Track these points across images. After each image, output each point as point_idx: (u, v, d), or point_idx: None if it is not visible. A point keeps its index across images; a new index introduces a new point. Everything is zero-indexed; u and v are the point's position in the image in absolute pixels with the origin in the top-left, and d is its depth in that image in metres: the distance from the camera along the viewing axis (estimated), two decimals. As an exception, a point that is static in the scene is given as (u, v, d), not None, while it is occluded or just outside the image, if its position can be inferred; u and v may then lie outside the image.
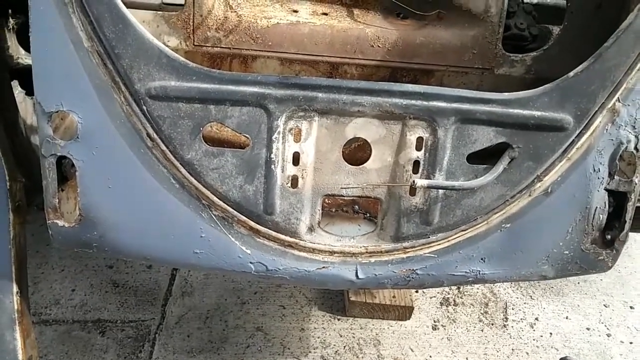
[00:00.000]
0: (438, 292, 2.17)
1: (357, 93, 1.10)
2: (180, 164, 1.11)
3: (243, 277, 2.02)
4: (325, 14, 1.54)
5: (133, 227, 1.15)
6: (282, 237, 1.18)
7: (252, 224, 1.16)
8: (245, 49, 1.49)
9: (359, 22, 1.53)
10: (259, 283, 2.08)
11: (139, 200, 1.13)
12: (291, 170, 1.14)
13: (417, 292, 2.16)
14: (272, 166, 1.12)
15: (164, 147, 1.10)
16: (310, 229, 1.20)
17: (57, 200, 1.13)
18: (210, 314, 1.94)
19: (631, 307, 2.20)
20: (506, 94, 1.11)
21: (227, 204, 1.14)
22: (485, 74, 1.55)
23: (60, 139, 1.10)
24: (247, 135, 1.10)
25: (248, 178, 1.12)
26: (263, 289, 2.06)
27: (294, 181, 1.15)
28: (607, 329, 2.10)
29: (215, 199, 1.14)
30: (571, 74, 1.10)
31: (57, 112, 1.07)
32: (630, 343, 2.04)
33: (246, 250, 1.17)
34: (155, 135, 1.09)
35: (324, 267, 1.21)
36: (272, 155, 1.11)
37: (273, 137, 1.10)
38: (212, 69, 1.07)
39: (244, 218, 1.16)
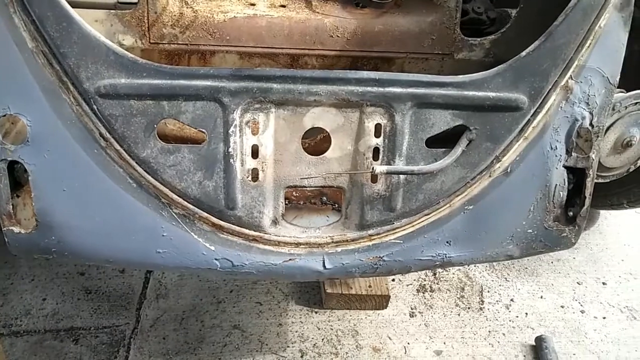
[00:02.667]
0: (414, 280, 2.18)
1: (313, 82, 1.09)
2: (136, 162, 1.09)
3: (209, 275, 2.00)
4: (284, 6, 1.53)
5: (92, 230, 1.12)
6: (246, 231, 1.17)
7: (215, 220, 1.15)
8: (203, 45, 1.48)
9: (318, 12, 1.53)
10: (235, 281, 2.06)
11: (95, 202, 1.11)
12: (251, 163, 1.13)
13: (393, 280, 2.17)
14: (231, 160, 1.10)
15: (118, 147, 1.08)
16: (275, 222, 1.20)
17: (10, 206, 1.10)
18: (186, 315, 1.92)
19: (603, 283, 2.24)
20: (460, 76, 1.11)
21: (187, 201, 1.13)
22: (446, 59, 1.56)
23: (11, 143, 1.07)
24: (203, 130, 1.09)
25: (207, 174, 1.11)
26: (239, 287, 2.05)
27: (255, 174, 1.14)
28: (581, 305, 2.13)
29: (174, 196, 1.12)
30: (523, 53, 1.11)
31: (4, 115, 1.04)
32: (604, 318, 2.08)
33: (210, 247, 1.16)
34: (108, 135, 1.07)
35: (290, 259, 1.20)
36: (230, 149, 1.10)
37: (230, 131, 1.09)
38: (162, 65, 1.05)
39: (205, 214, 1.14)
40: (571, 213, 1.24)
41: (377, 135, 1.15)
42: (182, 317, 1.91)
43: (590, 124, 1.17)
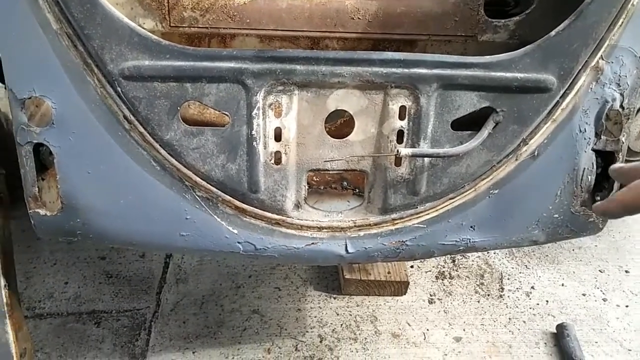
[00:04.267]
0: (433, 266, 2.17)
1: (336, 64, 1.08)
2: (160, 145, 1.09)
3: (232, 258, 2.01)
4: (303, -13, 1.51)
5: (116, 213, 1.13)
6: (269, 215, 1.17)
7: (238, 203, 1.15)
8: (223, 28, 1.47)
9: (338, -6, 1.50)
10: (254, 266, 2.07)
11: (120, 185, 1.11)
12: (274, 146, 1.12)
13: (412, 267, 2.16)
14: (254, 143, 1.10)
15: (141, 129, 1.08)
16: (297, 206, 1.19)
17: (36, 189, 1.11)
18: (206, 299, 1.93)
19: (626, 272, 2.20)
20: (487, 57, 1.09)
21: (210, 184, 1.12)
22: (469, 41, 1.53)
23: (36, 126, 1.07)
24: (226, 113, 1.08)
25: (230, 156, 1.10)
26: (258, 272, 2.05)
27: (278, 157, 1.13)
28: (603, 293, 2.11)
29: (198, 179, 1.12)
30: (552, 33, 1.08)
31: (29, 98, 1.05)
32: (627, 306, 2.05)
33: (233, 230, 1.16)
34: (132, 117, 1.07)
35: (313, 243, 1.20)
36: (253, 132, 1.09)
37: (253, 113, 1.08)
38: (185, 46, 1.04)
39: (228, 197, 1.14)
40: (599, 198, 1.21)
41: (401, 117, 1.13)
42: (201, 301, 1.92)
43: (621, 106, 1.14)
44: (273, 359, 1.75)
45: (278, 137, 1.12)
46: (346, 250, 1.20)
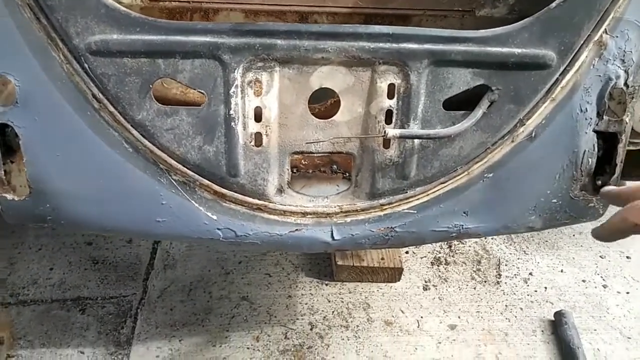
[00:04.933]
0: (429, 252, 2.11)
1: (320, 38, 1.00)
2: (132, 125, 1.02)
3: (212, 245, 1.95)
4: (291, -41, 1.43)
5: (87, 197, 1.07)
6: (250, 200, 1.10)
7: (216, 187, 1.08)
8: (206, 2, 1.39)
9: (328, -34, 1.42)
10: (244, 252, 2.02)
11: (90, 168, 1.05)
12: (254, 127, 1.05)
13: (407, 253, 2.10)
14: (232, 123, 1.03)
15: (112, 108, 1.01)
16: (280, 190, 1.13)
17: (2, 172, 1.05)
18: (194, 285, 1.88)
19: (627, 257, 2.14)
20: (483, 30, 1.01)
21: (186, 167, 1.06)
22: (466, 16, 1.45)
23: (1, 105, 1.01)
24: (202, 91, 1.01)
25: (207, 138, 1.04)
26: (248, 258, 2.00)
27: (258, 139, 1.07)
28: (603, 280, 2.05)
29: (173, 162, 1.05)
30: (553, 4, 1.00)
31: (-10, 75, 0.98)
32: (627, 293, 2.00)
33: (212, 216, 1.10)
34: (101, 96, 1.00)
35: (297, 229, 1.13)
36: (231, 112, 1.02)
37: (231, 92, 1.01)
38: (157, 19, 0.97)
39: (206, 182, 1.07)
40: (600, 182, 1.14)
41: (390, 96, 1.06)
42: (189, 288, 1.88)
43: (625, 84, 1.06)
44: (262, 346, 1.71)
45: (258, 117, 1.05)
46: (332, 237, 1.14)
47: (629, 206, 0.82)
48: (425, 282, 1.99)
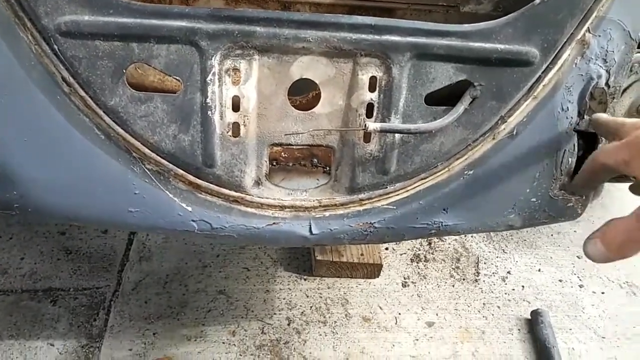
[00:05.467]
0: (408, 249, 2.11)
1: (301, 26, 0.97)
2: (104, 111, 0.99)
3: (186, 237, 1.92)
4: (274, -53, 1.39)
5: (56, 185, 1.03)
6: (226, 191, 1.07)
7: (191, 178, 1.05)
8: (186, -13, 1.35)
9: (312, -44, 1.39)
10: (222, 245, 1.99)
11: (60, 154, 1.01)
12: (231, 116, 1.02)
13: (386, 249, 2.10)
14: (209, 112, 1.00)
15: (83, 93, 0.97)
16: (257, 183, 1.10)
17: (-34, 157, 1.00)
18: (170, 278, 1.85)
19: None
20: (466, 25, 0.99)
21: (161, 156, 1.03)
22: (451, 11, 1.43)
23: (-33, 87, 0.96)
24: (177, 78, 0.98)
25: (182, 126, 1.00)
26: (226, 252, 1.97)
27: (235, 129, 1.04)
28: (580, 280, 2.07)
29: (147, 150, 1.02)
30: (537, 1, 0.98)
31: (-46, 54, 0.93)
32: (602, 293, 2.02)
33: (187, 207, 1.07)
34: (71, 80, 0.96)
35: (274, 223, 1.11)
36: (208, 100, 0.99)
37: (208, 79, 0.98)
38: (132, 1, 0.93)
39: (181, 172, 1.04)
40: (578, 182, 1.14)
41: (371, 89, 1.04)
42: (165, 280, 1.84)
43: (607, 84, 1.06)
44: (238, 341, 1.68)
45: (236, 106, 1.02)
46: (310, 231, 1.12)
47: (602, 146, 0.82)
48: (404, 278, 1.99)
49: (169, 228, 1.09)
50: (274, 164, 1.27)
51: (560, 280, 2.06)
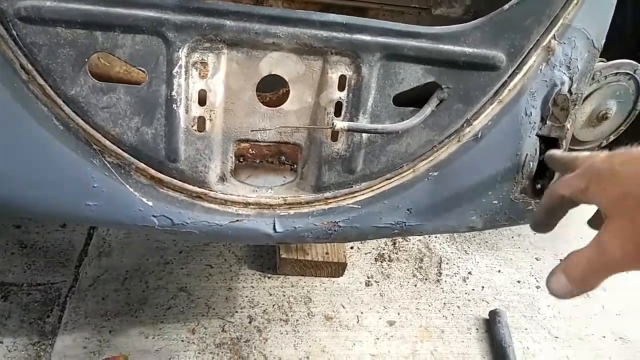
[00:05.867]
0: (373, 248, 2.12)
1: (272, 22, 0.96)
2: (63, 101, 0.95)
3: (147, 233, 1.88)
4: (247, -59, 1.37)
5: (11, 176, 0.98)
6: (189, 187, 1.05)
7: (154, 172, 1.02)
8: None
9: (285, -48, 1.38)
10: (185, 242, 1.95)
11: (15, 144, 0.96)
12: (197, 110, 1.00)
13: (352, 248, 2.10)
14: (174, 106, 0.97)
15: (42, 81, 0.93)
16: (222, 179, 1.08)
17: None
18: (130, 274, 1.80)
19: (561, 260, 2.23)
20: (436, 27, 1.00)
21: (122, 149, 0.99)
22: (423, 14, 1.45)
23: None
24: (142, 69, 0.95)
25: (145, 119, 0.98)
26: (189, 248, 1.94)
27: (201, 123, 1.01)
28: (537, 281, 2.13)
29: (107, 143, 0.99)
30: (506, 6, 1.00)
31: None
32: (558, 294, 2.08)
33: (148, 202, 1.04)
34: (30, 67, 0.92)
35: (237, 220, 1.09)
36: (174, 93, 0.96)
37: (174, 72, 0.95)
38: (96, -13, 0.90)
39: (143, 165, 1.01)
40: (539, 185, 1.17)
41: (341, 88, 1.03)
42: (125, 277, 1.79)
43: (569, 91, 1.09)
44: (197, 339, 1.65)
45: (202, 100, 1.00)
46: (274, 229, 1.11)
47: (557, 179, 0.82)
48: (368, 278, 2.00)
49: (129, 223, 1.06)
50: (241, 160, 1.26)
51: (519, 281, 2.11)
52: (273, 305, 1.81)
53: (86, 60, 0.93)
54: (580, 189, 0.68)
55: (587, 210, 0.79)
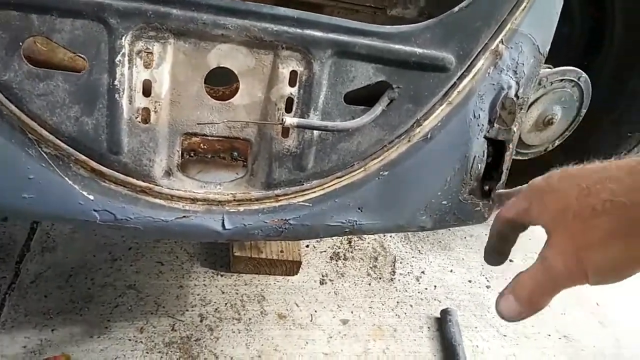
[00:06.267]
0: (329, 247, 2.12)
1: (220, 13, 0.94)
2: (-4, 87, 0.90)
3: (88, 228, 1.81)
4: None
5: (-63, 165, 0.93)
6: (133, 181, 1.02)
7: (95, 164, 0.98)
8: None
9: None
10: (133, 238, 1.89)
11: (-59, 131, 0.91)
12: (141, 101, 0.97)
13: (307, 246, 2.09)
14: (117, 95, 0.93)
15: (-28, 65, 0.88)
16: (168, 173, 1.05)
17: None
18: (75, 271, 1.73)
19: (510, 260, 2.24)
20: (387, 26, 1.00)
21: (60, 140, 0.95)
22: (378, 13, 1.45)
23: None
24: (82, 56, 0.91)
25: (86, 109, 0.94)
26: (139, 245, 1.88)
27: (145, 115, 0.98)
28: (487, 281, 2.17)
29: (44, 132, 0.94)
30: (456, 9, 1.01)
31: None
32: (507, 294, 2.13)
33: (88, 196, 1.00)
34: (-41, 49, 0.87)
35: (184, 216, 1.06)
36: (116, 82, 0.93)
37: (116, 60, 0.92)
38: (33, -32, 0.85)
39: (83, 157, 0.97)
40: (487, 187, 1.19)
41: (291, 84, 1.02)
42: (69, 273, 1.72)
43: (516, 95, 1.11)
44: (145, 338, 1.61)
45: (147, 91, 0.97)
46: (223, 226, 1.08)
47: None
48: (323, 276, 1.99)
49: (68, 217, 1.01)
50: (192, 155, 1.22)
51: (470, 281, 2.15)
52: (225, 304, 1.78)
53: (20, 44, 0.88)
54: (523, 208, 0.69)
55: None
